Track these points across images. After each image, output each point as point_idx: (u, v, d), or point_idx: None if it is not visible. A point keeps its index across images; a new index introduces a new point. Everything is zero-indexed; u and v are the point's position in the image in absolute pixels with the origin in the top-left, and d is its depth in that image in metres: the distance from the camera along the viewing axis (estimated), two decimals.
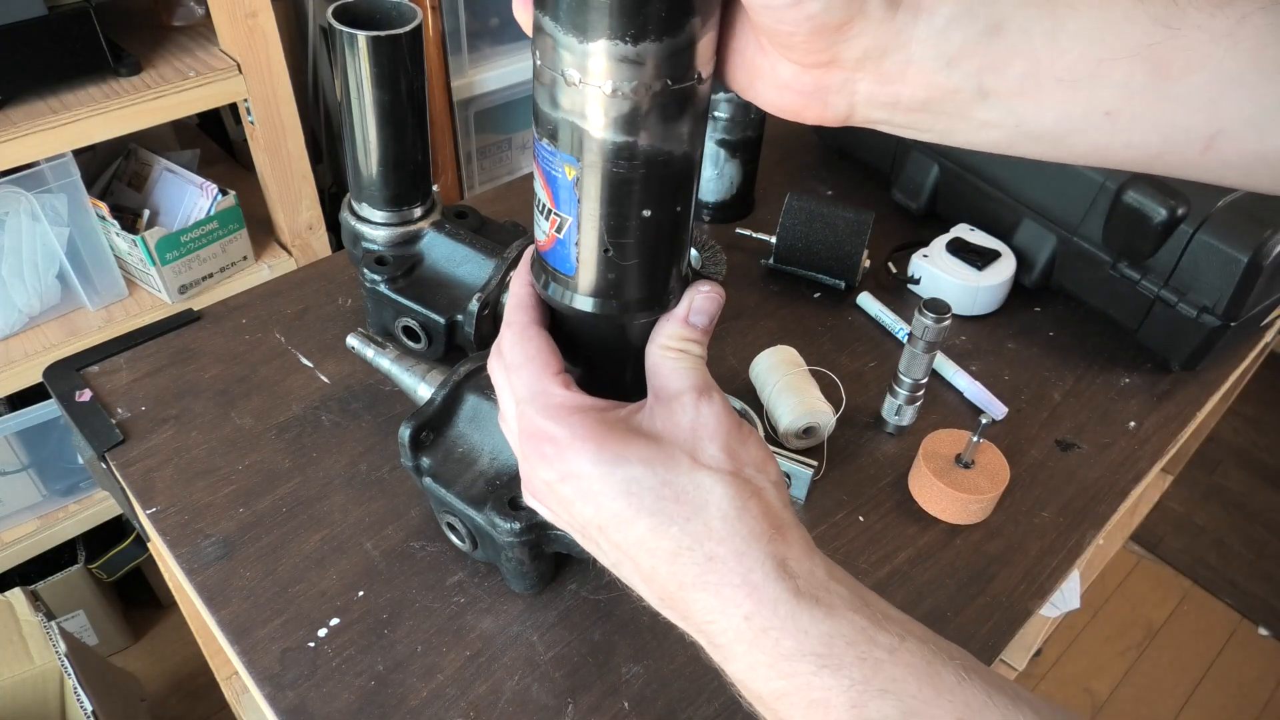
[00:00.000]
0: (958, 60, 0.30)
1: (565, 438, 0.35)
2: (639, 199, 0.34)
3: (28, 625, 1.18)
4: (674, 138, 0.33)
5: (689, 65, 0.31)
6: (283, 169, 1.26)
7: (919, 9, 0.29)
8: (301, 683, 0.52)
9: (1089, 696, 1.65)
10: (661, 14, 0.29)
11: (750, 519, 0.33)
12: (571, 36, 0.30)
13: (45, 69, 1.04)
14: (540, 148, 0.34)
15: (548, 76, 0.32)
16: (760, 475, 0.35)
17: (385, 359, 0.58)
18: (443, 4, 1.39)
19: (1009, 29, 0.30)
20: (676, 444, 0.35)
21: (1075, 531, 0.63)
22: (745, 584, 0.32)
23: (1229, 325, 0.69)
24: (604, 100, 0.31)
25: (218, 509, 0.61)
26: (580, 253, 0.35)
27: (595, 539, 0.36)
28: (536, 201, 0.36)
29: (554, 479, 0.35)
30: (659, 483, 0.34)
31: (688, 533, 0.33)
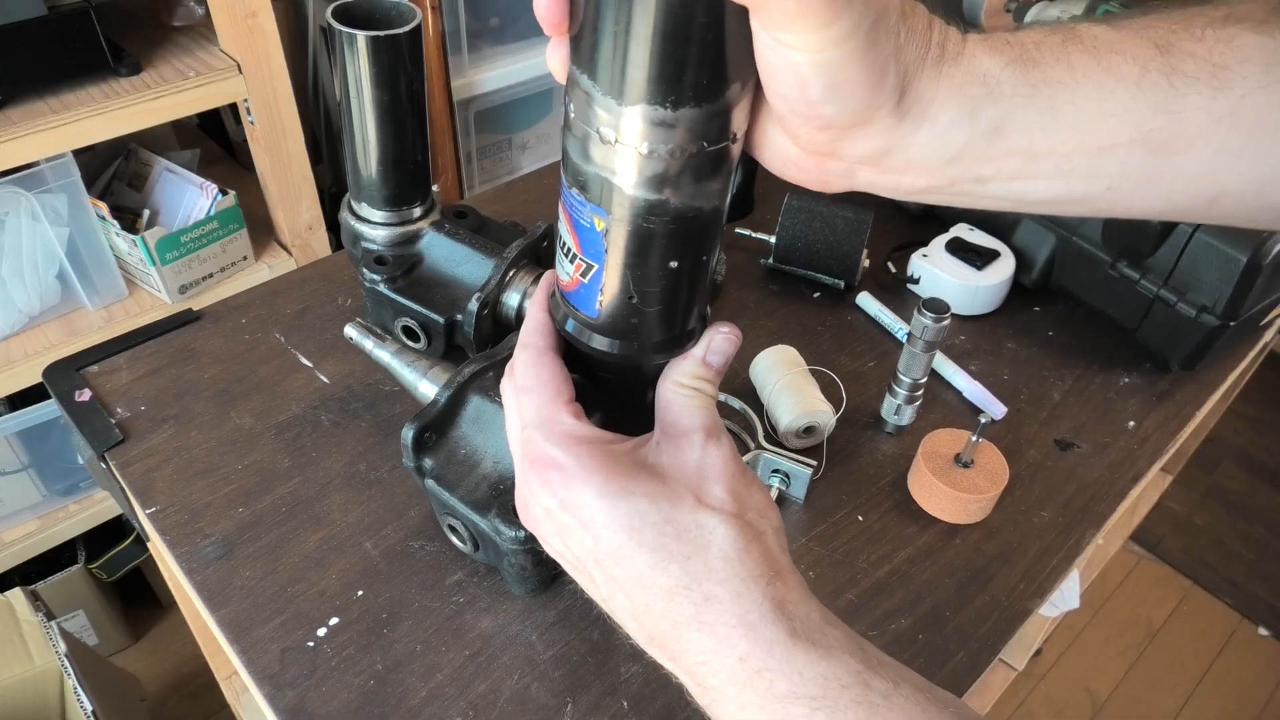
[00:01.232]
0: (958, 159, 0.31)
1: (573, 467, 0.34)
2: (667, 252, 0.34)
3: (28, 625, 1.18)
4: (705, 195, 0.32)
5: (725, 128, 0.31)
6: (283, 169, 1.26)
7: (923, 116, 0.30)
8: (301, 682, 0.52)
9: (1089, 696, 1.65)
10: (702, 82, 0.29)
11: (751, 562, 0.33)
12: (609, 98, 0.30)
13: (45, 69, 1.04)
14: (569, 194, 0.34)
15: (581, 130, 0.31)
16: (762, 520, 0.35)
17: (385, 351, 0.58)
18: (443, 4, 1.39)
19: (1009, 129, 0.31)
20: (682, 482, 0.35)
21: (1074, 531, 0.63)
22: (742, 624, 0.32)
23: (1228, 325, 0.69)
24: (639, 160, 0.31)
25: (217, 509, 0.61)
26: (604, 298, 0.35)
27: (589, 570, 0.35)
28: (560, 242, 0.36)
29: (554, 506, 0.35)
30: (662, 519, 0.33)
31: (687, 571, 0.33)
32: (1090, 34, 0.31)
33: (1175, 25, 0.31)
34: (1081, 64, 0.30)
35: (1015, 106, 0.30)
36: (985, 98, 0.30)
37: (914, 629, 0.57)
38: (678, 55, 0.28)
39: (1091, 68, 0.30)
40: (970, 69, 0.30)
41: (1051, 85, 0.30)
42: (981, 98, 0.30)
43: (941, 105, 0.30)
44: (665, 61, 0.28)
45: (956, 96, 0.30)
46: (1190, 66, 0.30)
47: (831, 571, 0.60)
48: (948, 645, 0.56)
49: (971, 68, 0.30)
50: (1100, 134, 0.31)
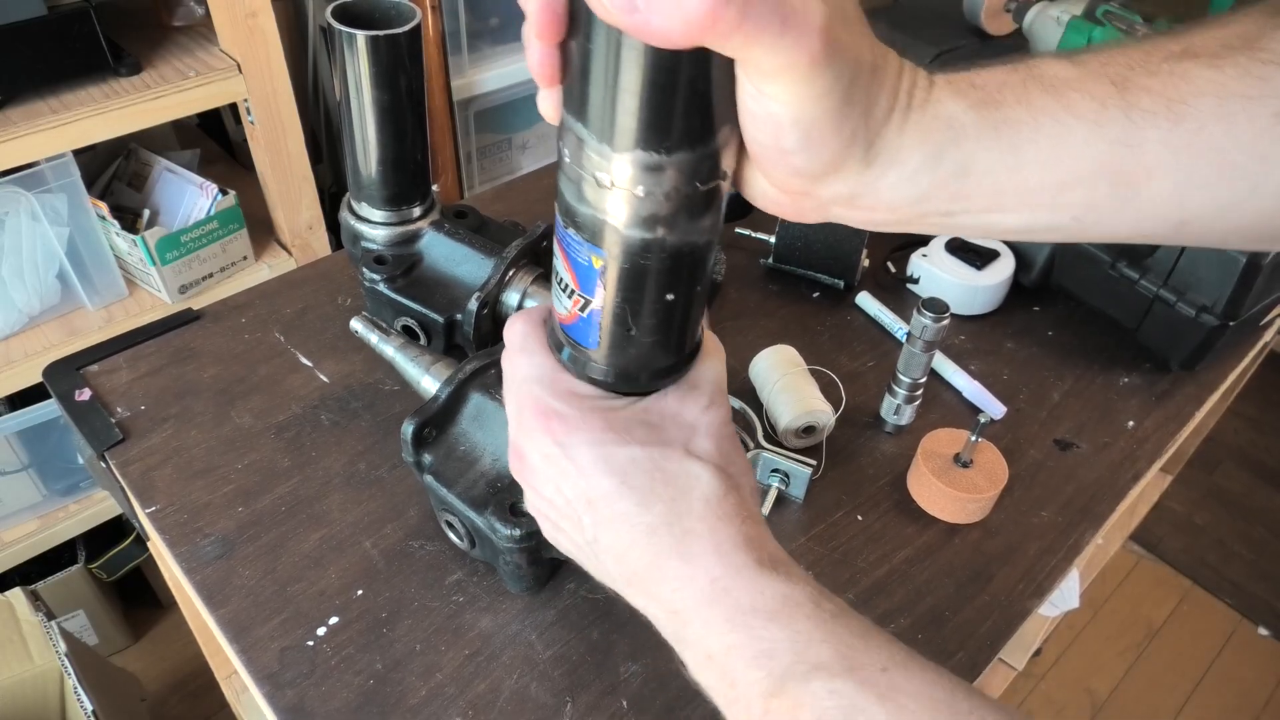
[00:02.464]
0: (926, 198, 0.33)
1: (574, 417, 0.37)
2: (663, 286, 0.35)
3: (28, 625, 1.18)
4: (698, 230, 0.33)
5: (716, 167, 0.32)
6: (283, 169, 1.26)
7: (891, 162, 0.32)
8: (300, 681, 0.52)
9: (1089, 696, 1.65)
10: (693, 127, 0.30)
11: (729, 505, 0.37)
12: (603, 144, 0.30)
13: (45, 69, 1.04)
14: (564, 233, 0.35)
15: (576, 174, 0.32)
16: (742, 477, 0.39)
17: (389, 346, 0.58)
18: (443, 4, 1.39)
19: (974, 169, 0.32)
20: (675, 432, 0.38)
21: (1074, 531, 0.63)
22: (716, 551, 0.35)
23: (1228, 325, 0.70)
24: (634, 201, 0.32)
25: (217, 508, 0.61)
26: (603, 332, 0.37)
27: (578, 514, 0.38)
28: (557, 277, 0.37)
29: (555, 453, 0.37)
30: (652, 465, 0.37)
31: (671, 510, 0.36)
32: (1050, 73, 0.32)
33: (1134, 61, 0.32)
34: (1041, 103, 0.32)
35: (980, 148, 0.32)
36: (951, 141, 0.32)
37: (914, 629, 0.57)
38: (667, 104, 0.29)
39: (1051, 106, 0.32)
40: (936, 114, 0.32)
41: (1013, 125, 0.32)
42: (947, 142, 0.32)
43: (909, 151, 0.32)
44: (656, 110, 0.29)
45: (923, 142, 0.32)
46: (1147, 101, 0.31)
47: (831, 571, 0.60)
48: (947, 645, 0.56)
49: (937, 113, 0.32)
50: (1062, 169, 0.32)
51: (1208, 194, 0.32)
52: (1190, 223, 0.33)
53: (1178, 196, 0.32)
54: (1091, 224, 0.33)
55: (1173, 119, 0.31)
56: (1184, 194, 0.32)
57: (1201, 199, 0.32)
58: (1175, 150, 0.31)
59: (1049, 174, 0.32)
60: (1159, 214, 0.33)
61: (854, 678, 0.32)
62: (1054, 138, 0.31)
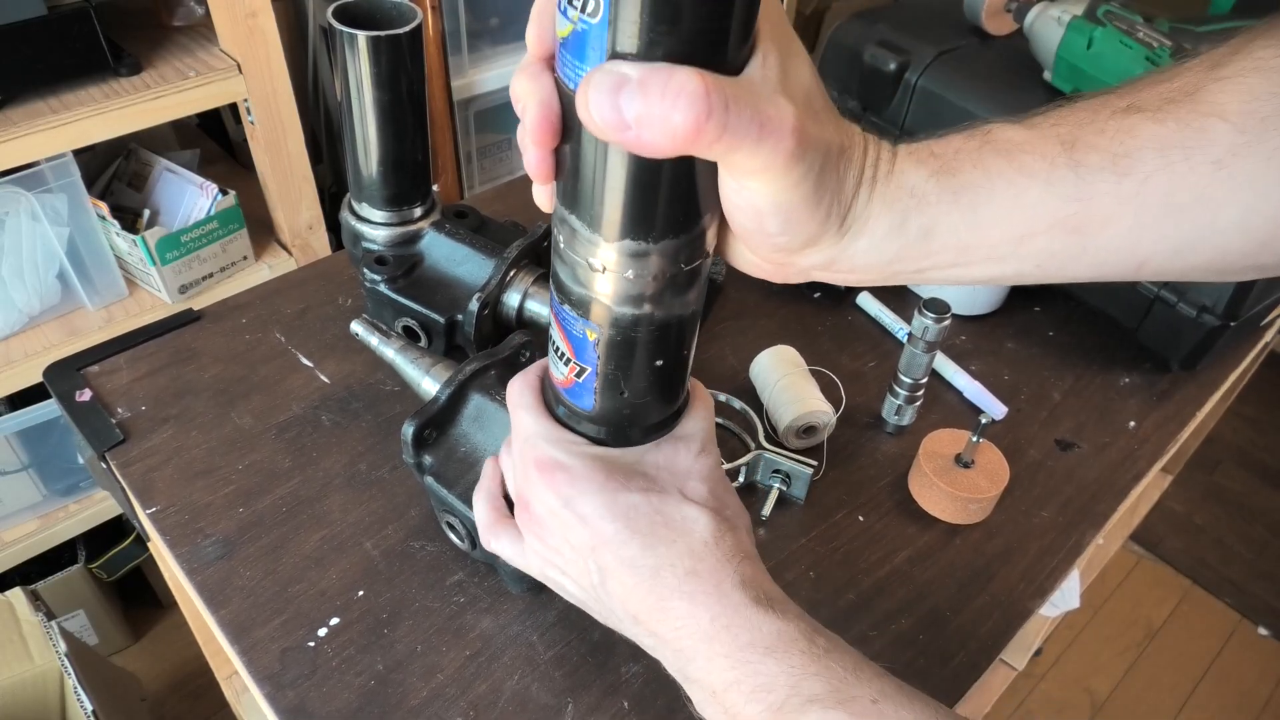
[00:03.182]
0: (896, 260, 0.36)
1: (577, 468, 0.40)
2: (653, 354, 0.38)
3: (28, 625, 1.18)
4: (684, 304, 0.37)
5: (699, 249, 0.35)
6: (283, 169, 1.26)
7: (861, 231, 0.35)
8: (301, 682, 0.52)
9: (1089, 696, 1.65)
10: (678, 218, 0.33)
11: (726, 546, 0.39)
12: (595, 234, 0.33)
13: (45, 69, 1.04)
14: (561, 309, 0.38)
15: (570, 259, 0.35)
16: (737, 519, 0.41)
17: (390, 348, 0.58)
18: (443, 4, 1.39)
19: (938, 231, 0.35)
20: (671, 480, 0.41)
21: (1075, 531, 0.63)
22: (716, 590, 0.38)
23: (1228, 325, 0.70)
24: (624, 283, 0.34)
25: (218, 509, 0.61)
26: (597, 395, 0.40)
27: (585, 561, 0.40)
28: (553, 345, 0.40)
29: (557, 505, 0.40)
30: (653, 510, 0.39)
31: (673, 551, 0.38)
32: (1004, 137, 0.35)
33: (1082, 119, 0.35)
34: (996, 167, 0.34)
35: (941, 212, 0.34)
36: (914, 208, 0.34)
37: (914, 629, 0.57)
38: (653, 201, 0.32)
39: (1005, 169, 0.34)
40: (900, 184, 0.34)
41: (971, 189, 0.34)
42: (911, 209, 0.34)
43: (876, 220, 0.34)
44: (642, 206, 0.32)
45: (888, 211, 0.34)
46: (1094, 158, 0.33)
47: (831, 571, 0.60)
48: (948, 645, 0.56)
49: (900, 183, 0.34)
50: (1019, 225, 0.34)
51: (1160, 237, 0.34)
52: (1148, 262, 0.35)
53: (1132, 241, 0.34)
54: (1055, 270, 0.36)
55: (1119, 172, 0.33)
56: (1137, 238, 0.34)
57: (1155, 242, 0.34)
58: (1124, 200, 0.33)
59: (1007, 230, 0.35)
60: (1117, 258, 0.35)
61: (847, 709, 0.34)
62: (1009, 197, 0.34)
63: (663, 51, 0.28)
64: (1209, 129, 0.32)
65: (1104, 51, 0.73)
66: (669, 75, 0.27)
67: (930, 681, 0.54)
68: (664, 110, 0.27)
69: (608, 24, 0.28)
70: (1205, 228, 0.34)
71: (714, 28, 0.28)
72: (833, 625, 0.56)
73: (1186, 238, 0.34)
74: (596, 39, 0.28)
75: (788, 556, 0.60)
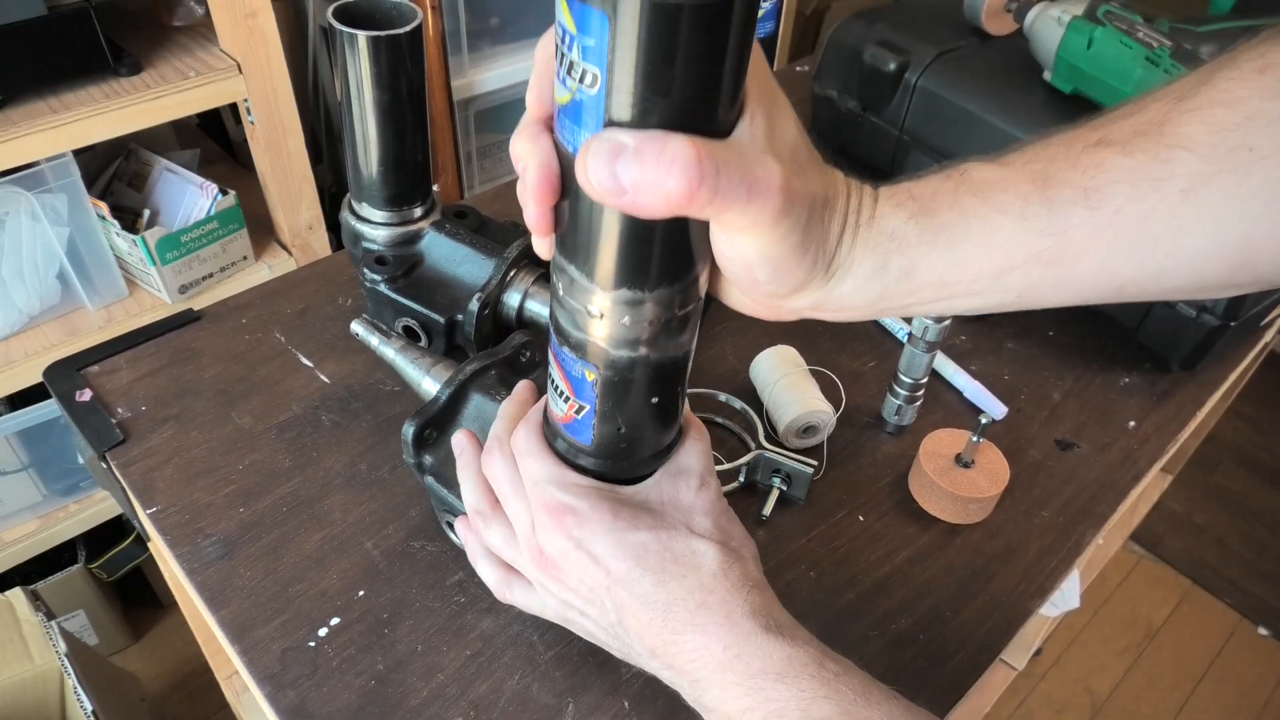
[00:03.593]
0: (881, 298, 0.37)
1: (586, 510, 0.41)
2: (648, 393, 0.40)
3: (28, 625, 1.18)
4: (678, 346, 0.39)
5: (691, 295, 0.37)
6: (283, 169, 1.26)
7: (846, 274, 0.36)
8: (302, 682, 0.52)
9: (1089, 696, 1.65)
10: (671, 269, 0.35)
11: (735, 576, 0.41)
12: (593, 284, 0.35)
13: (45, 69, 1.04)
14: (560, 351, 0.40)
15: (570, 306, 0.37)
16: (743, 548, 0.43)
17: (390, 348, 0.58)
18: (443, 4, 1.39)
19: (918, 270, 0.36)
20: (676, 515, 0.42)
21: (1075, 531, 0.63)
22: (727, 620, 0.39)
23: (1228, 325, 0.70)
24: (621, 329, 0.36)
25: (218, 509, 0.61)
26: (595, 431, 0.42)
27: (601, 599, 0.42)
28: (553, 384, 0.42)
29: (570, 547, 0.41)
30: (661, 547, 0.41)
31: (684, 585, 0.40)
32: (979, 176, 0.36)
33: (1055, 155, 0.36)
34: (971, 206, 0.36)
35: (921, 253, 0.36)
36: (895, 250, 0.36)
37: (914, 629, 0.57)
38: (647, 254, 0.34)
39: (980, 208, 0.36)
40: (880, 229, 0.36)
41: (948, 229, 0.36)
42: (892, 251, 0.36)
43: (859, 264, 0.36)
44: (637, 259, 0.34)
45: (871, 255, 0.36)
46: (1066, 193, 0.35)
47: (831, 571, 0.60)
48: (948, 645, 0.56)
49: (881, 228, 0.36)
50: (996, 260, 0.36)
51: (1136, 263, 0.35)
52: (1127, 286, 0.37)
53: (1109, 268, 0.36)
54: (1036, 298, 0.37)
55: (1091, 206, 0.34)
56: (1114, 266, 0.36)
57: (1131, 268, 0.36)
58: (1097, 231, 0.35)
59: (985, 265, 0.36)
60: (1095, 284, 0.37)
61: None
62: (985, 235, 0.36)
63: (656, 119, 0.29)
64: (1176, 160, 0.34)
65: (1104, 51, 0.73)
66: (663, 144, 0.29)
67: (930, 681, 0.54)
68: (658, 177, 0.29)
69: (604, 94, 0.29)
70: (1178, 253, 0.35)
71: (703, 97, 0.30)
72: (833, 625, 0.56)
73: (1161, 264, 0.35)
74: (593, 107, 0.30)
75: (788, 556, 0.60)
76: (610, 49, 0.28)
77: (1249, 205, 0.33)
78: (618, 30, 0.28)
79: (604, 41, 0.28)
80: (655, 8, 0.27)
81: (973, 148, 0.81)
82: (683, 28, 0.27)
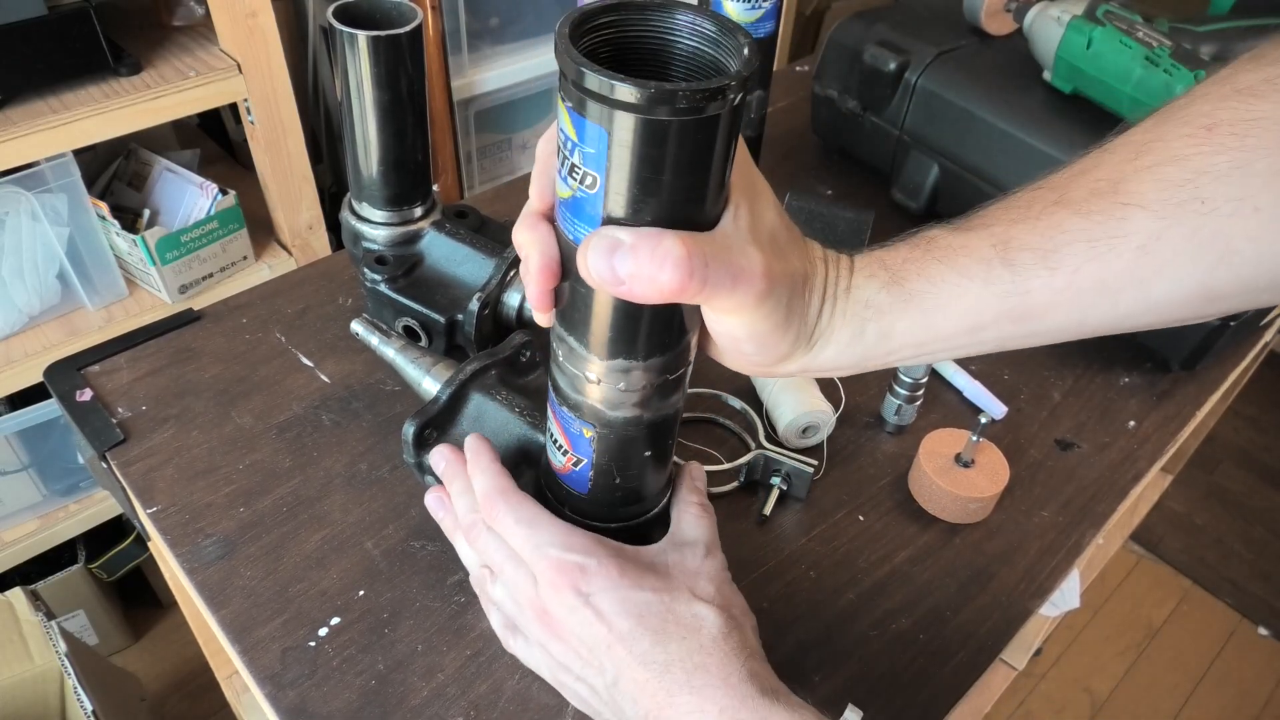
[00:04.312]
0: (862, 360, 0.40)
1: (594, 566, 0.42)
2: (642, 447, 0.43)
3: (28, 625, 1.18)
4: (670, 405, 0.41)
5: (683, 360, 0.40)
6: (283, 169, 1.26)
7: (827, 342, 0.39)
8: (302, 682, 0.52)
9: (1089, 696, 1.65)
10: (663, 341, 0.38)
11: (734, 642, 0.42)
12: (591, 354, 0.38)
13: (45, 69, 1.04)
14: (560, 410, 0.42)
15: (569, 372, 0.40)
16: (744, 617, 0.44)
17: (390, 348, 0.58)
18: (443, 4, 1.39)
19: (894, 333, 0.39)
20: (682, 580, 0.43)
21: (1075, 531, 0.63)
22: (724, 684, 0.40)
23: (1228, 324, 0.70)
24: (615, 393, 0.39)
25: (218, 508, 0.61)
26: (592, 482, 0.44)
27: (599, 659, 0.42)
28: (552, 438, 0.45)
29: (578, 602, 0.42)
30: (664, 608, 0.42)
31: (683, 647, 0.41)
32: (944, 243, 0.39)
33: (1016, 215, 0.38)
34: (938, 273, 0.38)
35: (895, 318, 0.39)
36: (871, 319, 0.39)
37: (914, 629, 0.57)
38: (639, 330, 0.37)
39: (946, 274, 0.38)
40: (856, 299, 0.39)
41: (919, 296, 0.38)
42: (868, 319, 0.39)
43: (838, 332, 0.39)
44: (631, 334, 0.37)
45: (848, 323, 0.39)
46: (1025, 257, 0.37)
47: (831, 571, 0.60)
48: (948, 645, 0.56)
49: (857, 298, 0.39)
50: (968, 320, 0.38)
51: (1100, 315, 0.37)
52: (1100, 329, 0.38)
53: (1076, 319, 0.38)
54: (1015, 345, 0.40)
55: (1049, 267, 0.36)
56: (1081, 317, 0.37)
57: (1098, 318, 0.37)
58: (1058, 290, 0.37)
59: (958, 325, 0.38)
60: (1066, 332, 0.38)
61: None
62: (953, 299, 0.38)
63: (649, 216, 0.33)
64: (1131, 218, 0.35)
65: (1103, 51, 0.73)
66: (656, 241, 0.32)
67: (930, 681, 0.54)
68: (652, 271, 0.32)
69: (603, 194, 0.32)
70: (1140, 302, 0.37)
71: (692, 198, 0.33)
72: (833, 625, 0.56)
73: (1126, 311, 0.37)
74: (592, 204, 0.33)
75: (788, 556, 0.60)
76: (607, 158, 0.31)
77: (1204, 254, 0.35)
78: (614, 143, 0.31)
79: (602, 151, 0.31)
80: (648, 124, 0.30)
81: (972, 148, 0.81)
82: (671, 142, 0.30)
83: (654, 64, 0.34)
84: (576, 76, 0.30)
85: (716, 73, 0.33)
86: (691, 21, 0.33)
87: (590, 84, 0.30)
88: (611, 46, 0.33)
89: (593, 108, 0.30)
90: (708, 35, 0.33)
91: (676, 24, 0.34)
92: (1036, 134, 0.76)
